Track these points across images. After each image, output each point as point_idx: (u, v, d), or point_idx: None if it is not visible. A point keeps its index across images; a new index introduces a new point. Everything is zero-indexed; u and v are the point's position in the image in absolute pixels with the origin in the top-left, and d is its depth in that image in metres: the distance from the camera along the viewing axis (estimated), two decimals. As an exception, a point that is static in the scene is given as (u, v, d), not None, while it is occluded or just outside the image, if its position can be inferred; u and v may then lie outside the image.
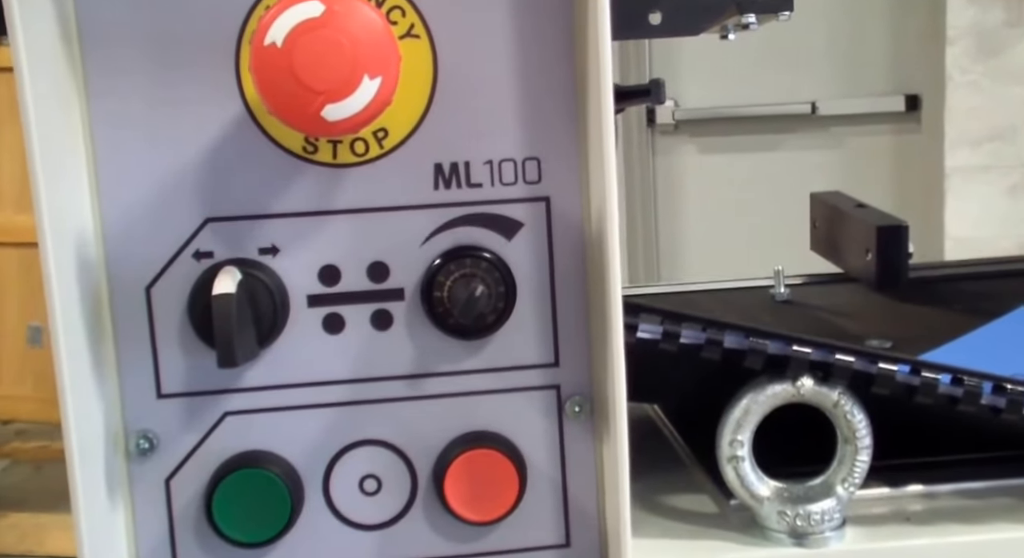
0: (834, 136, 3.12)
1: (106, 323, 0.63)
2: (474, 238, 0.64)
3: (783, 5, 0.76)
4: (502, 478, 0.64)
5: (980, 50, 2.77)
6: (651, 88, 0.87)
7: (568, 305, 0.65)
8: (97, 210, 0.62)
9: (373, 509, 0.66)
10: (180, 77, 0.62)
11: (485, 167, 0.64)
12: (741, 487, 0.68)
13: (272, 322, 0.62)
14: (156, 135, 0.62)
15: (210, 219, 0.63)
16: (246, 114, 0.62)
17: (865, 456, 0.68)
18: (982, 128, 2.81)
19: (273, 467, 0.63)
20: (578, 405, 0.66)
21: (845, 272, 1.11)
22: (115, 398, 0.63)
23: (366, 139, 0.63)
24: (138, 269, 0.63)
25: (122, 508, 0.64)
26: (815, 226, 1.20)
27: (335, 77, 0.56)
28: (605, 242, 0.61)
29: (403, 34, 0.62)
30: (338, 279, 0.64)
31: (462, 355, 0.65)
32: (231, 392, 0.64)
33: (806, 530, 0.67)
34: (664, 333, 0.66)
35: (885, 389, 0.66)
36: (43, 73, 0.58)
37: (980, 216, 2.86)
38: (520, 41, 0.63)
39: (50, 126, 0.58)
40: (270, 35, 0.55)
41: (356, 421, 0.65)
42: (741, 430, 0.67)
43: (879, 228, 1.02)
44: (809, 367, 0.66)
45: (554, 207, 0.64)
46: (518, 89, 0.63)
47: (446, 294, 0.63)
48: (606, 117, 0.60)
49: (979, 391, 0.67)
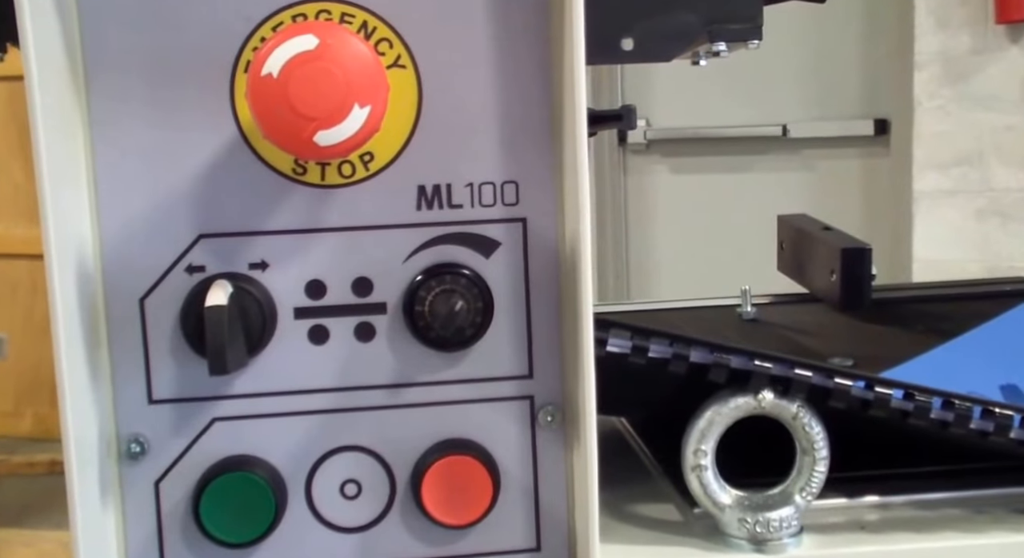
0: (804, 158, 3.13)
1: (102, 332, 0.65)
2: (454, 256, 0.67)
3: (752, 34, 0.78)
4: (477, 484, 0.66)
5: (947, 76, 2.78)
6: (623, 113, 0.90)
7: (542, 320, 0.68)
8: (96, 225, 0.64)
9: (353, 512, 0.68)
10: (177, 102, 0.64)
11: (466, 189, 0.67)
12: (704, 495, 0.71)
13: (260, 333, 0.65)
14: (154, 155, 0.64)
15: (203, 235, 0.65)
16: (239, 137, 0.65)
17: (822, 466, 0.70)
18: (950, 153, 2.82)
19: (258, 471, 0.65)
20: (550, 415, 0.68)
21: (811, 292, 1.12)
22: (109, 403, 0.65)
23: (353, 162, 0.65)
24: (133, 281, 0.65)
25: (113, 508, 0.66)
26: (782, 247, 1.21)
27: (327, 105, 0.58)
28: (578, 261, 0.64)
29: (390, 64, 0.65)
30: (324, 293, 0.66)
31: (441, 366, 0.67)
32: (219, 399, 0.66)
33: (765, 537, 0.70)
34: (633, 347, 0.69)
35: (841, 402, 0.69)
36: (49, 97, 0.60)
37: (948, 239, 2.87)
38: (500, 72, 0.66)
39: (54, 146, 0.61)
40: (267, 66, 0.58)
41: (338, 428, 0.67)
42: (705, 440, 0.70)
43: (843, 250, 1.04)
44: (770, 381, 0.69)
45: (530, 228, 0.67)
46: (497, 116, 0.66)
47: (427, 308, 0.65)
48: (580, 142, 0.62)
49: (929, 406, 0.69)
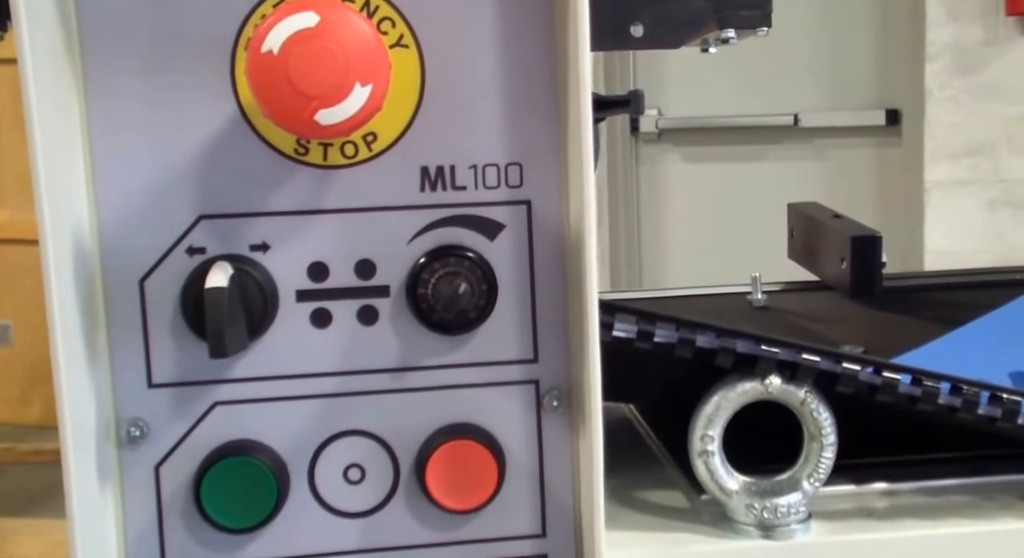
0: (816, 148, 3.13)
1: (100, 314, 0.64)
2: (458, 238, 0.66)
3: (762, 21, 0.77)
4: (481, 469, 0.66)
5: (959, 67, 2.78)
6: (631, 99, 0.89)
7: (547, 303, 0.67)
8: (94, 206, 0.64)
9: (356, 497, 0.67)
10: (177, 79, 0.63)
11: (469, 171, 0.66)
12: (711, 481, 0.70)
13: (262, 316, 0.64)
14: (152, 134, 0.64)
15: (203, 216, 0.64)
16: (240, 116, 0.64)
17: (830, 452, 0.70)
18: (961, 143, 2.81)
19: (260, 455, 0.65)
20: (556, 399, 0.67)
21: (821, 280, 1.12)
22: (107, 387, 0.65)
23: (356, 142, 0.65)
24: (132, 263, 0.64)
25: (112, 493, 0.65)
26: (792, 235, 1.21)
27: (328, 83, 0.58)
28: (583, 243, 0.63)
29: (393, 43, 0.64)
30: (326, 275, 0.66)
31: (444, 350, 0.67)
32: (220, 383, 0.66)
33: (773, 523, 0.69)
34: (639, 332, 0.68)
35: (849, 388, 0.68)
36: (44, 74, 0.60)
37: (959, 230, 2.86)
38: (504, 52, 0.65)
39: (50, 125, 0.60)
40: (267, 43, 0.57)
41: (341, 412, 0.66)
42: (712, 426, 0.69)
43: (853, 238, 1.04)
44: (777, 366, 0.69)
45: (535, 210, 0.67)
46: (502, 97, 0.65)
47: (431, 291, 0.65)
48: (584, 124, 0.62)
49: (937, 392, 0.69)
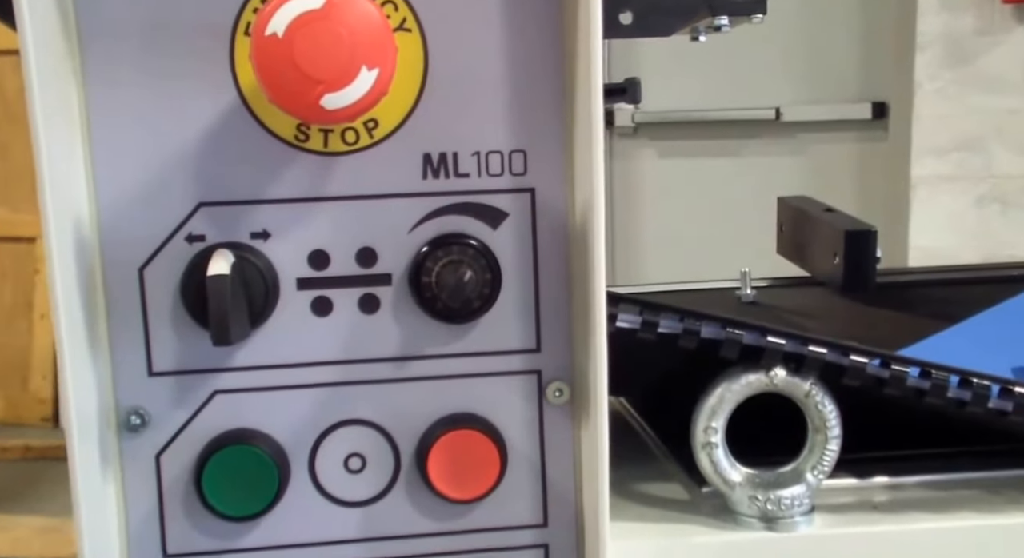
0: (798, 143, 3.09)
1: (100, 303, 0.64)
2: (461, 226, 0.65)
3: (756, 8, 0.76)
4: (483, 458, 0.65)
5: (950, 57, 2.76)
6: (627, 86, 0.89)
7: (550, 293, 0.66)
8: (93, 194, 0.63)
9: (357, 487, 0.67)
10: (175, 66, 0.62)
11: (473, 158, 0.65)
12: (714, 473, 0.70)
13: (262, 304, 0.63)
14: (151, 122, 0.63)
15: (203, 203, 0.64)
16: (239, 102, 0.63)
17: (835, 445, 0.69)
18: (949, 137, 2.80)
19: (261, 444, 0.64)
20: (558, 390, 0.67)
21: (811, 275, 1.11)
22: (108, 376, 0.64)
23: (357, 128, 0.64)
24: (132, 251, 0.64)
25: (113, 482, 0.65)
26: (782, 230, 1.20)
27: (334, 67, 0.57)
28: (591, 232, 0.63)
29: (395, 27, 0.63)
30: (327, 264, 0.65)
31: (447, 339, 0.66)
32: (221, 371, 0.65)
33: (776, 514, 0.69)
34: (643, 322, 0.68)
35: (856, 380, 0.68)
36: (43, 61, 0.59)
37: (945, 226, 2.85)
38: (509, 37, 0.64)
39: (49, 112, 0.59)
40: (271, 26, 0.57)
41: (342, 401, 0.66)
42: (715, 417, 0.69)
43: (848, 232, 1.02)
44: (782, 358, 0.68)
45: (539, 198, 0.66)
46: (506, 83, 0.65)
47: (434, 279, 0.64)
48: (595, 112, 0.61)
49: (946, 384, 0.68)
